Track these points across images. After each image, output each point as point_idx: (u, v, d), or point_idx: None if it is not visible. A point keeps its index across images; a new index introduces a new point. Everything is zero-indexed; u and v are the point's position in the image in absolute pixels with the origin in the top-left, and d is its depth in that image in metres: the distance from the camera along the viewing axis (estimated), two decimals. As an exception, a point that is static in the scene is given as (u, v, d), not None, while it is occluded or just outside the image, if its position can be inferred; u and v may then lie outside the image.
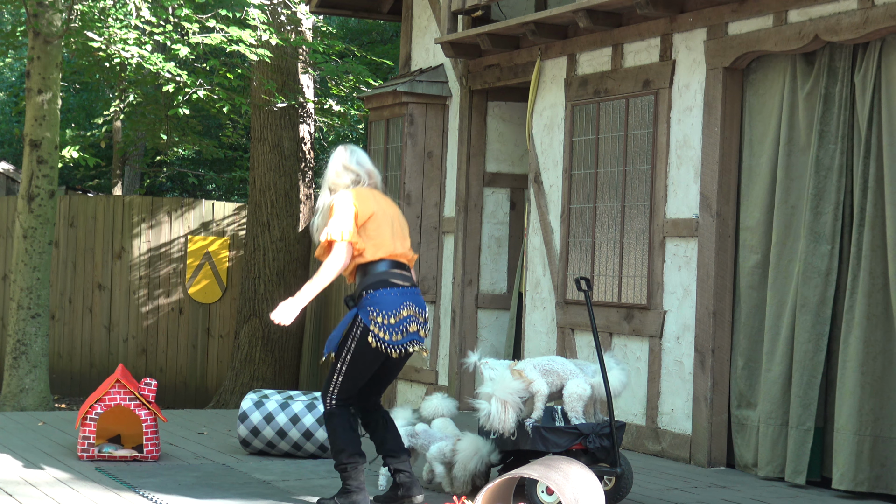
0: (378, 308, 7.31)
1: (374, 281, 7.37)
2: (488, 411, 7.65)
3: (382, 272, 7.41)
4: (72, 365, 18.18)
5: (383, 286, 7.37)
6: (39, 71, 14.58)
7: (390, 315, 7.33)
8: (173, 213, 18.36)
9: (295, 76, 17.07)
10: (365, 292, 7.36)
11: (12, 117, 29.49)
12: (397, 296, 7.38)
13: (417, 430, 8.19)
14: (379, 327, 7.29)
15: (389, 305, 7.34)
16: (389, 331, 7.31)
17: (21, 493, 7.62)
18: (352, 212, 7.37)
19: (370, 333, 7.29)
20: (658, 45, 10.23)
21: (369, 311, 7.31)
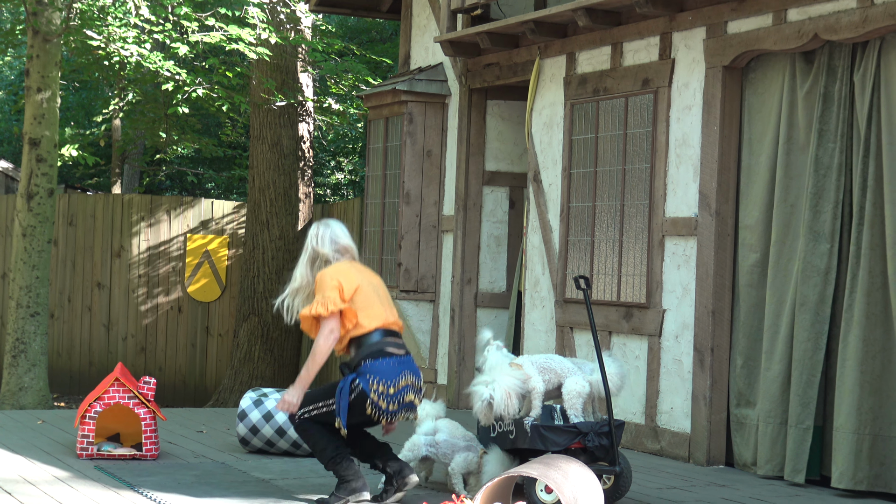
0: (378, 377, 7.42)
1: (372, 350, 7.49)
2: (487, 397, 7.59)
3: (378, 341, 7.53)
4: (71, 363, 18.18)
5: (382, 355, 7.48)
6: (39, 69, 14.57)
7: (390, 385, 7.45)
8: (172, 212, 18.36)
9: (294, 75, 17.06)
10: (363, 361, 7.47)
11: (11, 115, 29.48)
12: (396, 365, 7.50)
13: (438, 441, 8.07)
14: (379, 395, 7.40)
15: (390, 375, 7.45)
16: (388, 400, 7.44)
17: (20, 491, 7.62)
18: (335, 286, 7.48)
19: (368, 400, 7.40)
20: (657, 44, 10.22)
21: (369, 378, 7.42)
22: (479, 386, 7.65)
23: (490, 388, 7.60)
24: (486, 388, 7.62)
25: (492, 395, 7.57)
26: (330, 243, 7.75)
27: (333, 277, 7.52)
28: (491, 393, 7.58)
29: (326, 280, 7.53)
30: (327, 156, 26.03)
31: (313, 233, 7.81)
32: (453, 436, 8.08)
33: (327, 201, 25.33)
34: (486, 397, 7.58)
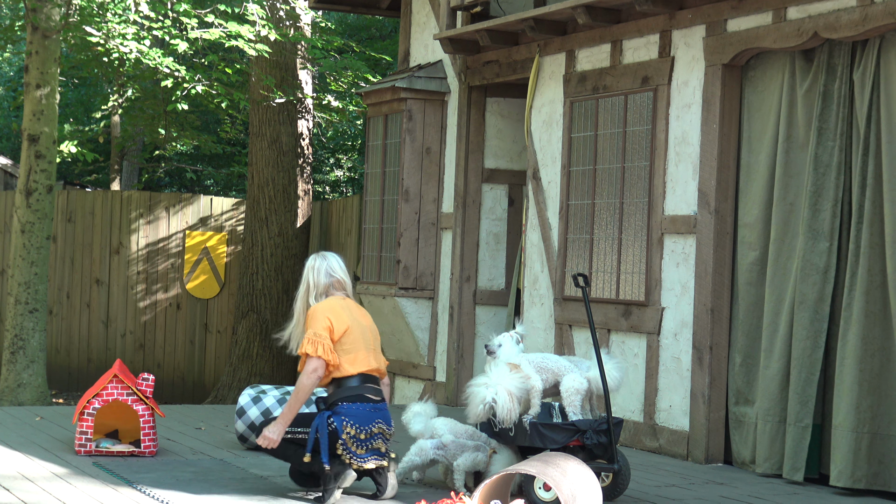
0: (352, 421, 7.50)
1: (349, 395, 7.57)
2: (490, 400, 7.58)
3: (357, 386, 7.61)
4: (69, 360, 18.17)
5: (359, 400, 7.57)
6: (38, 65, 14.56)
7: (362, 430, 7.52)
8: (171, 209, 18.35)
9: (294, 72, 17.06)
10: (340, 402, 7.55)
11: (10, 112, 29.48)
12: (371, 412, 7.57)
13: (446, 443, 8.03)
14: (350, 438, 7.48)
15: (364, 421, 7.53)
16: (358, 444, 7.51)
17: (18, 487, 7.61)
18: (326, 326, 7.55)
19: (340, 441, 7.47)
20: (657, 42, 10.22)
21: (343, 420, 7.49)
22: (480, 387, 7.64)
23: (492, 391, 7.58)
24: (487, 391, 7.60)
25: (494, 398, 7.56)
26: (325, 276, 7.83)
27: (325, 316, 7.60)
28: (494, 396, 7.56)
29: (318, 318, 7.60)
30: (326, 153, 26.02)
31: (310, 264, 7.88)
32: (458, 435, 8.05)
33: (326, 198, 25.33)
34: (489, 400, 7.57)
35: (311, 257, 7.92)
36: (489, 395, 7.57)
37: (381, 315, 13.41)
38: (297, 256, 16.98)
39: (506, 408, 7.54)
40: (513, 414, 7.57)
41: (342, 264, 7.91)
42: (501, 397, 7.54)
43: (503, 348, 7.89)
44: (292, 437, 7.57)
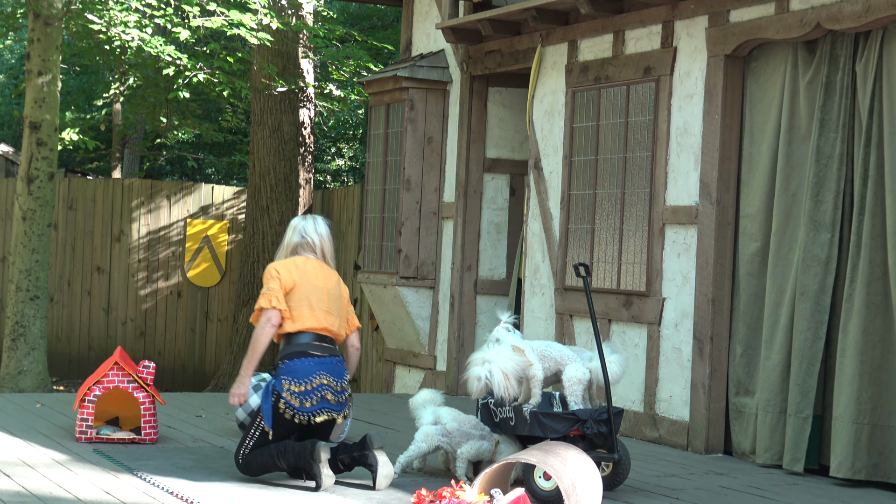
0: (291, 376, 7.57)
1: (291, 351, 7.67)
2: (484, 377, 7.56)
3: (302, 343, 7.69)
4: (70, 347, 18.18)
5: (299, 356, 7.64)
6: (39, 53, 14.56)
7: (303, 383, 7.57)
8: (172, 197, 18.35)
9: (295, 60, 17.05)
10: (281, 362, 7.65)
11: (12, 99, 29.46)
12: (312, 365, 7.63)
13: (450, 430, 8.02)
14: (291, 394, 7.54)
15: (303, 374, 7.59)
16: (300, 398, 7.55)
17: (19, 474, 7.62)
18: (275, 277, 7.69)
19: (281, 399, 7.53)
20: (659, 32, 10.21)
21: (283, 380, 7.57)
22: (476, 366, 7.63)
23: (486, 369, 7.57)
24: (481, 368, 7.59)
25: (488, 375, 7.55)
26: (298, 236, 7.93)
27: (274, 270, 7.73)
28: (487, 374, 7.56)
29: (269, 273, 7.74)
30: (328, 142, 26.01)
31: (291, 223, 7.99)
32: (462, 424, 8.04)
33: (328, 187, 25.32)
34: (483, 377, 7.56)
35: (297, 217, 8.03)
36: (483, 371, 7.56)
37: (382, 304, 13.42)
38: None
39: (501, 385, 7.53)
40: (509, 391, 7.55)
41: (322, 228, 7.95)
42: (496, 375, 7.53)
43: (502, 342, 7.88)
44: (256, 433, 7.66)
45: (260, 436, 7.64)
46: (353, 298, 15.98)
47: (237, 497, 7.20)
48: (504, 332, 7.91)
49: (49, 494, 7.05)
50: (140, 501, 6.99)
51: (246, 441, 7.67)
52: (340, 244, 16.59)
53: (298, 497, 7.30)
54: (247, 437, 7.68)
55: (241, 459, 7.67)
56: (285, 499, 7.23)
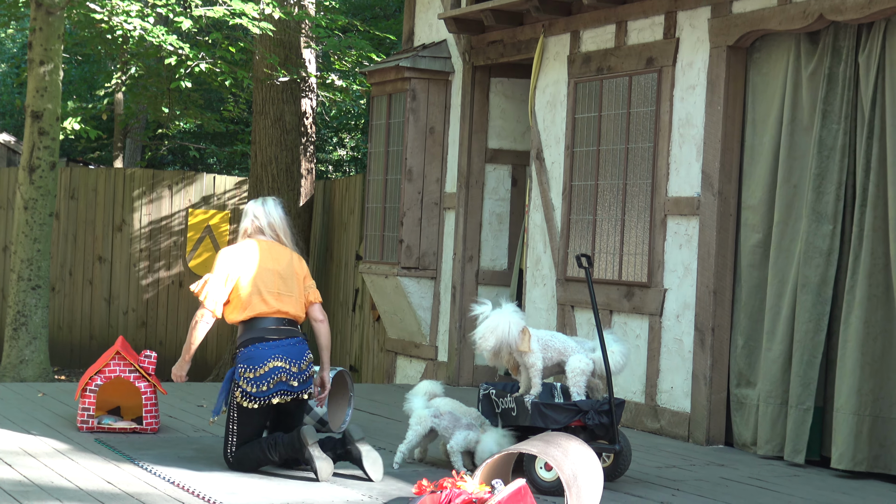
0: (247, 364, 7.62)
1: (246, 338, 7.73)
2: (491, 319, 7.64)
3: (258, 328, 7.73)
4: (72, 337, 18.19)
5: (254, 342, 7.68)
6: (41, 42, 14.54)
7: (258, 368, 7.61)
8: (174, 187, 18.35)
9: (297, 50, 17.03)
10: (238, 350, 7.71)
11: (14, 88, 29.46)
12: (267, 349, 7.67)
13: (442, 411, 8.02)
14: (246, 381, 7.58)
15: (257, 359, 7.63)
16: (255, 383, 7.59)
17: (20, 463, 7.63)
18: (224, 275, 7.73)
19: (237, 389, 7.59)
20: (662, 23, 10.20)
21: (239, 368, 7.64)
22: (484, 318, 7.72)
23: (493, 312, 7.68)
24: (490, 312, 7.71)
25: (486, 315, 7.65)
26: (249, 221, 7.95)
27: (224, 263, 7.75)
28: (487, 314, 7.66)
29: (218, 265, 7.78)
30: (330, 132, 26.00)
31: (244, 209, 8.03)
32: (454, 411, 8.06)
33: (329, 177, 25.32)
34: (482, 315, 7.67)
35: (251, 201, 8.05)
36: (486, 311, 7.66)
37: (383, 294, 13.42)
38: (300, 235, 16.98)
39: (502, 330, 7.62)
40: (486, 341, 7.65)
41: (272, 208, 7.96)
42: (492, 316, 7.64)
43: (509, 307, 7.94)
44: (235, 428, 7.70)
45: (239, 429, 7.65)
46: (354, 289, 15.97)
47: (238, 487, 7.20)
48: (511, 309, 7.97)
49: (50, 484, 7.06)
50: (141, 491, 7.00)
51: (228, 438, 7.67)
52: (342, 235, 16.59)
53: (299, 487, 7.30)
54: (227, 435, 7.68)
55: (231, 458, 7.66)
56: (286, 488, 7.23)
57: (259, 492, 7.10)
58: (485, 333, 7.70)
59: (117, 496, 6.83)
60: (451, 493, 6.04)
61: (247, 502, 6.81)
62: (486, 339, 7.69)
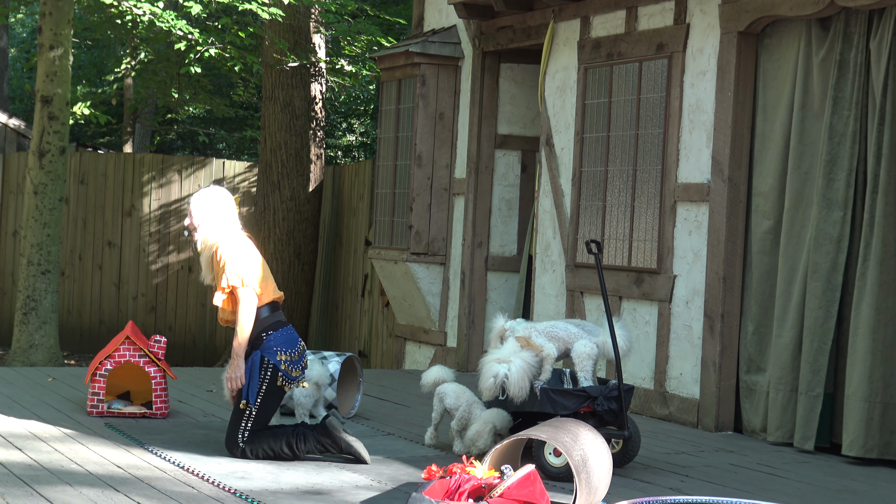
0: (283, 347, 7.61)
1: (270, 323, 7.67)
2: (503, 375, 7.59)
3: (273, 314, 7.71)
4: (81, 322, 18.22)
5: (279, 326, 7.68)
6: (51, 27, 14.55)
7: (294, 352, 7.65)
8: (183, 171, 18.36)
9: (307, 35, 17.02)
10: (264, 334, 7.62)
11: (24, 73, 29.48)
12: (293, 333, 7.73)
13: (447, 390, 8.12)
14: (287, 364, 7.60)
15: (293, 341, 7.67)
16: (293, 367, 7.64)
17: (30, 447, 7.65)
18: (247, 258, 7.63)
19: (280, 373, 7.57)
20: (672, 9, 10.17)
21: (276, 351, 7.59)
22: (493, 364, 7.64)
23: (505, 368, 7.59)
24: (500, 366, 7.61)
25: (507, 374, 7.58)
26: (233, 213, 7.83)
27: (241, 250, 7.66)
28: (507, 372, 7.58)
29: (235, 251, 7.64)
30: (339, 117, 25.99)
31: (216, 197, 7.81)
32: (459, 397, 8.10)
33: (338, 163, 25.32)
34: (502, 375, 7.58)
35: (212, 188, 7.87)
36: (502, 369, 7.59)
37: (392, 280, 13.43)
38: (309, 221, 16.99)
39: (518, 385, 7.57)
40: (523, 392, 7.61)
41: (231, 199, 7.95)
42: (515, 374, 7.56)
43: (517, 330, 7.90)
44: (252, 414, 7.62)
45: (258, 414, 7.60)
46: (364, 275, 15.98)
47: (248, 471, 7.22)
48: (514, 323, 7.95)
49: (60, 468, 7.07)
50: (151, 475, 7.01)
51: (242, 424, 7.60)
52: (351, 220, 16.59)
53: (309, 471, 7.31)
54: (241, 420, 7.59)
55: (242, 444, 7.58)
56: (296, 473, 7.24)
57: (268, 476, 7.11)
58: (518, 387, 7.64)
59: (127, 480, 6.84)
60: (460, 478, 6.04)
61: (257, 487, 6.82)
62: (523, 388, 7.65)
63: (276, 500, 6.52)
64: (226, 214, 7.75)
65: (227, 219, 7.75)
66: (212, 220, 7.71)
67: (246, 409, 7.59)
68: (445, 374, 8.33)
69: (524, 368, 7.62)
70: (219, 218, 7.73)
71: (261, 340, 7.61)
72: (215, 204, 7.74)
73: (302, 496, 6.66)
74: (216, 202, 7.75)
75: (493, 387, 7.64)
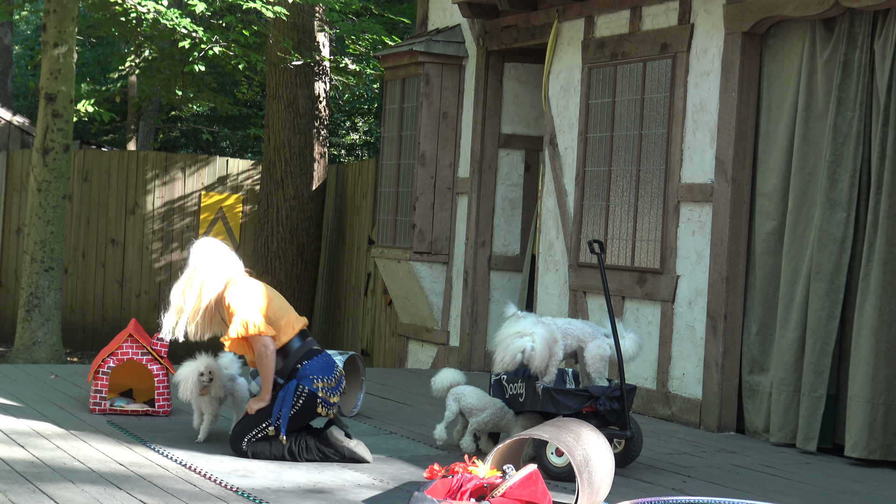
0: (320, 374, 7.60)
1: (303, 353, 7.66)
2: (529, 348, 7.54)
3: (304, 344, 7.69)
4: (84, 319, 18.23)
5: (313, 354, 7.67)
6: (55, 24, 14.55)
7: (331, 378, 7.63)
8: (187, 169, 18.36)
9: (311, 34, 17.02)
10: (299, 364, 7.62)
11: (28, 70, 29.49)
12: (329, 359, 7.70)
13: (465, 391, 8.05)
14: (325, 391, 7.58)
15: (328, 369, 7.64)
16: (331, 393, 7.62)
17: (33, 444, 7.65)
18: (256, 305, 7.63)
19: (318, 400, 7.56)
20: (676, 9, 10.17)
21: (312, 379, 7.58)
22: (515, 338, 7.59)
23: (528, 340, 7.55)
24: (523, 340, 7.56)
25: (532, 346, 7.53)
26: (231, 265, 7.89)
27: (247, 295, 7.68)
28: (531, 345, 7.54)
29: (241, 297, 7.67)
30: (343, 116, 25.99)
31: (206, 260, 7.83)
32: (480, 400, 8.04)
33: (342, 162, 25.31)
34: (528, 348, 7.52)
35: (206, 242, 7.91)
36: (527, 342, 7.53)
37: (395, 279, 13.43)
38: (312, 219, 17.00)
39: (541, 357, 7.54)
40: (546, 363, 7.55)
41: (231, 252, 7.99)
42: (539, 345, 7.52)
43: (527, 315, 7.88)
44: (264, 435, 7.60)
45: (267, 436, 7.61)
46: (367, 273, 15.98)
47: (250, 470, 7.22)
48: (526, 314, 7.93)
49: (62, 465, 7.08)
50: (153, 473, 7.01)
51: (254, 433, 7.59)
52: (354, 219, 16.59)
53: (311, 470, 7.31)
54: (254, 430, 7.59)
55: (244, 447, 7.59)
56: (298, 472, 7.24)
57: (271, 475, 7.11)
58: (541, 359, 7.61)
59: (129, 478, 6.84)
60: (462, 477, 6.04)
61: (259, 485, 6.82)
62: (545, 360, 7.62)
63: (279, 498, 6.52)
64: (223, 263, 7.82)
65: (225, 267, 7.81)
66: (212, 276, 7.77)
67: (262, 421, 7.59)
68: (458, 377, 8.29)
69: (547, 339, 7.59)
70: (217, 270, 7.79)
71: (296, 371, 7.62)
72: (211, 259, 7.80)
73: (304, 495, 6.66)
74: (210, 257, 7.79)
75: (516, 362, 7.59)
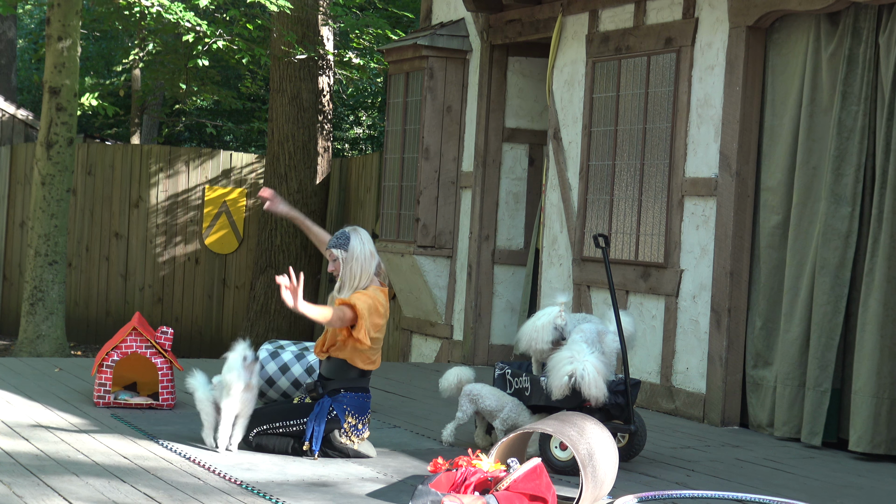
0: (353, 411, 7.58)
1: (359, 385, 7.65)
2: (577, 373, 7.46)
3: (361, 379, 7.67)
4: (88, 313, 18.23)
5: (359, 390, 7.65)
6: (59, 18, 14.55)
7: (361, 419, 7.62)
8: (191, 163, 18.36)
9: (315, 28, 17.01)
10: (342, 388, 7.61)
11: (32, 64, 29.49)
12: (367, 401, 7.67)
13: (482, 392, 7.99)
14: (351, 428, 7.56)
15: (362, 410, 7.62)
16: (355, 431, 7.59)
17: (37, 437, 7.66)
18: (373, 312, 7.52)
19: (340, 430, 7.55)
20: (681, 3, 10.16)
21: (346, 410, 7.57)
22: (565, 363, 7.50)
23: (579, 366, 7.45)
24: (572, 366, 7.47)
25: (582, 373, 7.44)
26: (377, 262, 7.79)
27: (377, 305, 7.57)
28: (581, 371, 7.44)
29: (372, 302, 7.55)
30: (346, 110, 25.99)
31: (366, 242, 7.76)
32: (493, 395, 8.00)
33: (346, 155, 25.31)
34: (578, 375, 7.43)
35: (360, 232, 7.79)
36: (578, 368, 7.46)
37: (399, 273, 13.42)
38: (315, 213, 16.99)
39: (594, 384, 7.45)
40: (600, 391, 7.48)
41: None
42: (590, 372, 7.44)
43: (586, 330, 7.84)
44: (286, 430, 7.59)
45: (282, 435, 7.61)
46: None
47: (254, 463, 7.22)
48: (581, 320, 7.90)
49: (67, 458, 7.08)
50: (157, 466, 7.02)
51: (262, 425, 7.59)
52: (358, 213, 16.59)
53: (316, 464, 7.32)
54: (264, 425, 7.59)
55: (251, 437, 7.61)
56: (302, 466, 7.25)
57: (274, 468, 7.12)
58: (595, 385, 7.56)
59: (133, 471, 6.85)
60: (466, 471, 6.04)
61: (263, 478, 6.82)
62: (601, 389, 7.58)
63: (283, 491, 6.53)
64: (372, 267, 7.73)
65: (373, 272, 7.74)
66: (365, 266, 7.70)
67: (281, 422, 7.60)
68: (468, 374, 8.26)
69: (598, 367, 7.50)
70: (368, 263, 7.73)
71: (337, 392, 7.61)
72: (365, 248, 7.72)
73: (308, 488, 6.66)
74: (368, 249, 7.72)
75: (565, 386, 7.52)
